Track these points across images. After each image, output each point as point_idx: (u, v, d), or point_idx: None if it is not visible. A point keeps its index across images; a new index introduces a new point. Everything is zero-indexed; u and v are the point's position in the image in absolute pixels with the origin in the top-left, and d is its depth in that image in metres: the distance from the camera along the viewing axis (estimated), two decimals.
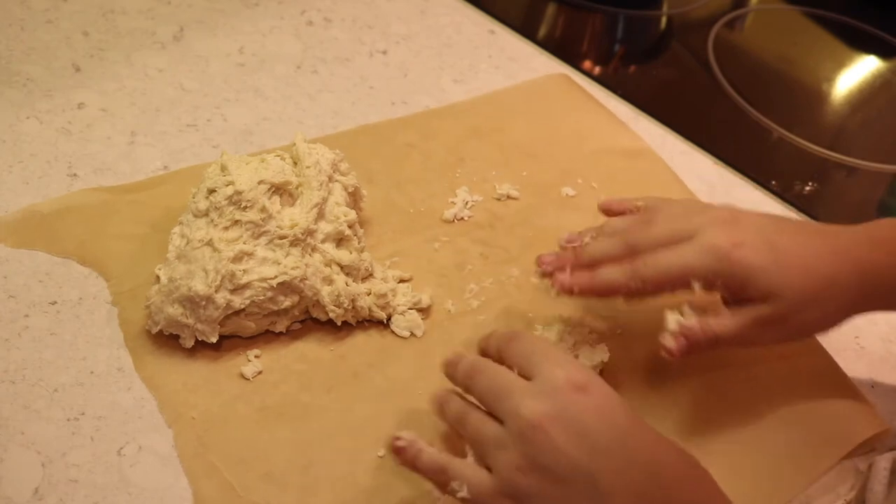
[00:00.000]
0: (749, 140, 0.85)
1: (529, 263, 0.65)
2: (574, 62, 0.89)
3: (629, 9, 1.01)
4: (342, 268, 0.59)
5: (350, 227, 0.60)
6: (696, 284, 0.52)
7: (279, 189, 0.59)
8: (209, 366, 0.56)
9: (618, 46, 1.00)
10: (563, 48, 0.92)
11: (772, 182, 0.79)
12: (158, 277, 0.56)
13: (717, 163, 0.80)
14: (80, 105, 0.73)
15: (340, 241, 0.60)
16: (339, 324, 0.59)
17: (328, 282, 0.58)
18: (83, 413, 0.53)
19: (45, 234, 0.61)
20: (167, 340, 0.56)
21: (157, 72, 0.78)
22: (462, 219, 0.69)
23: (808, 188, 0.80)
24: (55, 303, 0.58)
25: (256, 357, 0.57)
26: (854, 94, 0.97)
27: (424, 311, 0.61)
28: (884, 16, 1.06)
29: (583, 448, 0.43)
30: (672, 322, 0.52)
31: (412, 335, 0.60)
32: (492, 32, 0.91)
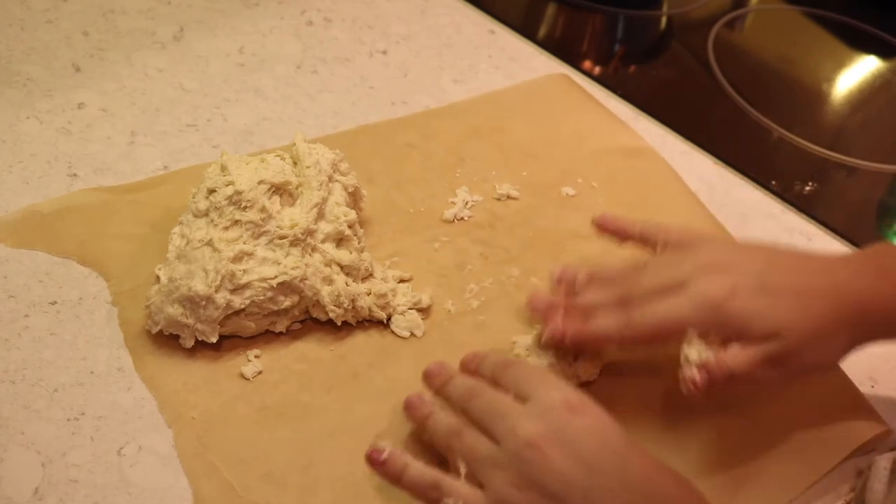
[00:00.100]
0: (749, 140, 0.85)
1: (529, 263, 0.66)
2: (574, 62, 0.89)
3: (629, 9, 1.01)
4: (342, 268, 0.59)
5: (350, 227, 0.60)
6: (692, 332, 0.51)
7: (279, 189, 0.59)
8: (209, 366, 0.56)
9: (618, 46, 0.99)
10: (563, 48, 0.91)
11: (772, 182, 0.79)
12: (158, 277, 0.56)
13: (717, 163, 0.80)
14: (80, 105, 0.73)
15: (340, 241, 0.60)
16: (339, 324, 0.59)
17: (328, 282, 0.58)
18: (83, 413, 0.53)
19: (45, 234, 0.61)
20: (167, 340, 0.56)
21: (157, 72, 0.78)
22: (462, 219, 0.69)
23: (808, 188, 0.80)
24: (55, 303, 0.58)
25: (256, 357, 0.57)
26: (854, 94, 0.97)
27: (424, 311, 0.61)
28: (884, 16, 1.06)
29: (578, 467, 0.44)
30: (693, 354, 0.51)
31: (412, 335, 0.60)
32: (492, 32, 0.91)
